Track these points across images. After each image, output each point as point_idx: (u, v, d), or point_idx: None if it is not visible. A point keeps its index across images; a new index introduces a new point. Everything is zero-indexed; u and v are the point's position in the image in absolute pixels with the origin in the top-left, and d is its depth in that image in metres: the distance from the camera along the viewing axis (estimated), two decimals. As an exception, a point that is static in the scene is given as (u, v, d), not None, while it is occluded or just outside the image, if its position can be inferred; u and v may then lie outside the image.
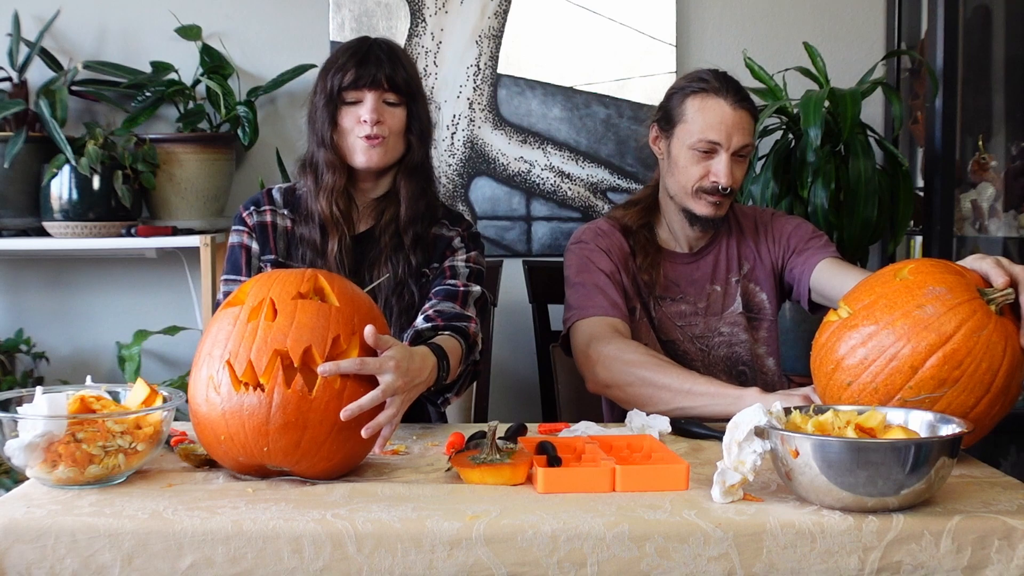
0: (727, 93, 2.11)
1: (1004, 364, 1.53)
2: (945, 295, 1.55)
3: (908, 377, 1.53)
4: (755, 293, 2.25)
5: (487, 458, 1.51)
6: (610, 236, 2.22)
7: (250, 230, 2.06)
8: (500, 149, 3.02)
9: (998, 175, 2.97)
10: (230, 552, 1.31)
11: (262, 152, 2.97)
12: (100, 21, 2.97)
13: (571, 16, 2.99)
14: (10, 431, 1.46)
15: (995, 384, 1.52)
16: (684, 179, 2.15)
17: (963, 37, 2.80)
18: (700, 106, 2.12)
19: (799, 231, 2.25)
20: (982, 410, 1.53)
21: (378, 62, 1.97)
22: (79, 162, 2.67)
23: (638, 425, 1.82)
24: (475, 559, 1.30)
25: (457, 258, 2.07)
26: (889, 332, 1.55)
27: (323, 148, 1.99)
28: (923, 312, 1.54)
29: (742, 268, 2.26)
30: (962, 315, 1.53)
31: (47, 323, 3.02)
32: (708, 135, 2.10)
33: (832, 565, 1.31)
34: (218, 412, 1.46)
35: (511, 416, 2.38)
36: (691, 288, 2.23)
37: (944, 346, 1.52)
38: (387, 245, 2.03)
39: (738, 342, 2.23)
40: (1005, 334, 1.54)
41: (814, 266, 2.15)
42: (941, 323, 1.53)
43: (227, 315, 1.54)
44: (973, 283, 1.58)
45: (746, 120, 2.12)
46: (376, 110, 1.96)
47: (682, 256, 2.26)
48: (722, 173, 2.11)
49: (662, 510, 1.37)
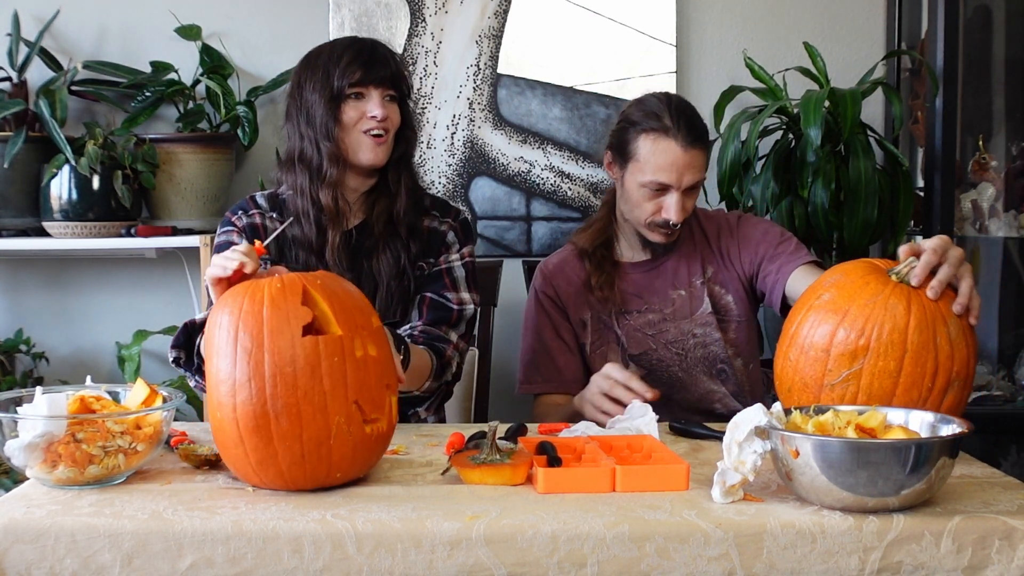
0: (678, 133, 2.12)
1: (911, 320, 1.54)
2: (840, 279, 1.62)
3: (824, 361, 1.57)
4: (721, 295, 2.27)
5: (487, 458, 1.51)
6: (559, 273, 2.30)
7: (240, 230, 2.06)
8: (500, 149, 3.02)
9: (998, 175, 2.97)
10: (230, 552, 1.31)
11: (262, 152, 2.97)
12: (100, 21, 2.97)
13: (571, 16, 2.99)
14: (10, 431, 1.46)
15: (910, 342, 1.54)
16: (638, 212, 2.20)
17: (963, 37, 2.80)
18: (652, 148, 2.13)
19: (768, 236, 2.25)
20: (911, 371, 1.54)
21: (384, 61, 2.01)
22: (79, 162, 2.67)
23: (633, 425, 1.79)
24: (475, 559, 1.30)
25: (452, 257, 2.10)
26: (802, 332, 1.62)
27: (327, 141, 1.99)
28: (821, 300, 1.61)
29: (706, 272, 2.28)
30: (855, 289, 1.59)
31: (47, 323, 3.02)
32: (659, 177, 2.13)
33: (832, 565, 1.31)
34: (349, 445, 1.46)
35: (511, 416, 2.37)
36: (654, 297, 2.27)
37: (844, 321, 1.56)
38: (382, 236, 2.05)
39: (712, 342, 2.25)
40: (905, 295, 1.57)
41: (788, 274, 2.15)
42: (837, 304, 1.59)
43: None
44: (881, 268, 1.63)
45: (698, 158, 2.15)
46: (383, 107, 2.00)
47: (642, 264, 2.30)
48: (673, 210, 2.15)
49: (662, 510, 1.37)
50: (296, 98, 2.02)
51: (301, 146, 2.01)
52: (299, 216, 2.03)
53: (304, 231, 2.02)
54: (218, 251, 2.03)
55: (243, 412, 1.42)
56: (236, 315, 1.46)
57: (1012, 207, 2.96)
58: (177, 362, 1.87)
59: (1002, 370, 3.00)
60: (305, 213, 2.02)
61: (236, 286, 1.54)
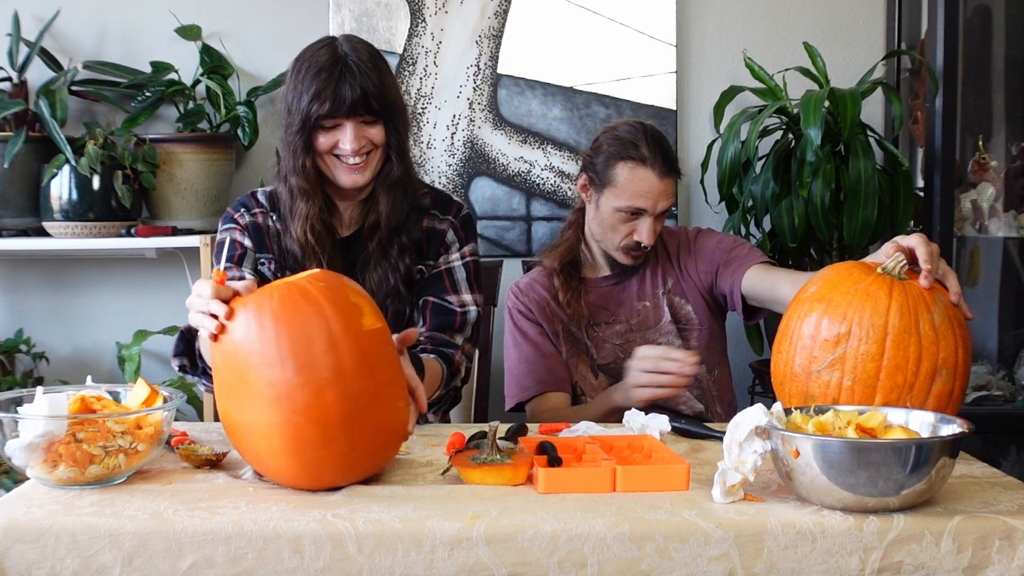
0: (655, 163, 2.25)
1: (892, 304, 1.57)
2: (826, 274, 1.68)
3: (811, 349, 1.61)
4: (681, 306, 2.37)
5: (487, 458, 1.51)
6: (529, 291, 2.38)
7: (243, 228, 2.03)
8: (500, 149, 3.02)
9: (998, 175, 2.97)
10: (231, 552, 1.31)
11: (262, 152, 2.97)
12: (100, 21, 2.97)
13: (571, 16, 2.99)
14: (10, 431, 1.46)
15: (891, 325, 1.56)
16: (611, 235, 2.32)
17: (963, 37, 2.80)
18: (630, 176, 2.25)
19: (721, 245, 2.37)
20: (894, 354, 1.56)
21: (352, 85, 1.87)
22: (79, 162, 2.67)
23: (638, 425, 1.82)
24: (476, 559, 1.30)
25: (452, 258, 2.06)
26: (792, 324, 1.66)
27: (295, 175, 1.93)
28: (807, 293, 1.66)
29: (667, 283, 2.37)
30: (838, 280, 1.64)
31: (47, 323, 3.02)
32: (636, 203, 2.26)
33: (833, 565, 1.31)
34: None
35: (511, 416, 2.37)
36: (621, 308, 2.37)
37: (827, 309, 1.61)
38: (375, 248, 2.01)
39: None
40: (887, 283, 1.60)
41: (743, 275, 2.25)
42: (822, 294, 1.63)
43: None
44: (868, 265, 1.67)
45: (671, 186, 2.29)
46: (356, 138, 1.91)
47: (608, 279, 2.39)
48: (645, 234, 2.28)
49: (662, 510, 1.37)
50: (282, 112, 1.95)
51: (284, 163, 1.97)
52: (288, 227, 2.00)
53: (291, 246, 1.99)
54: (219, 248, 2.00)
55: (321, 414, 1.40)
56: (284, 320, 1.43)
57: (1012, 207, 2.97)
58: (183, 370, 1.85)
59: (1002, 370, 3.00)
60: (289, 229, 1.99)
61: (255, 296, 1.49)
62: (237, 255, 2.01)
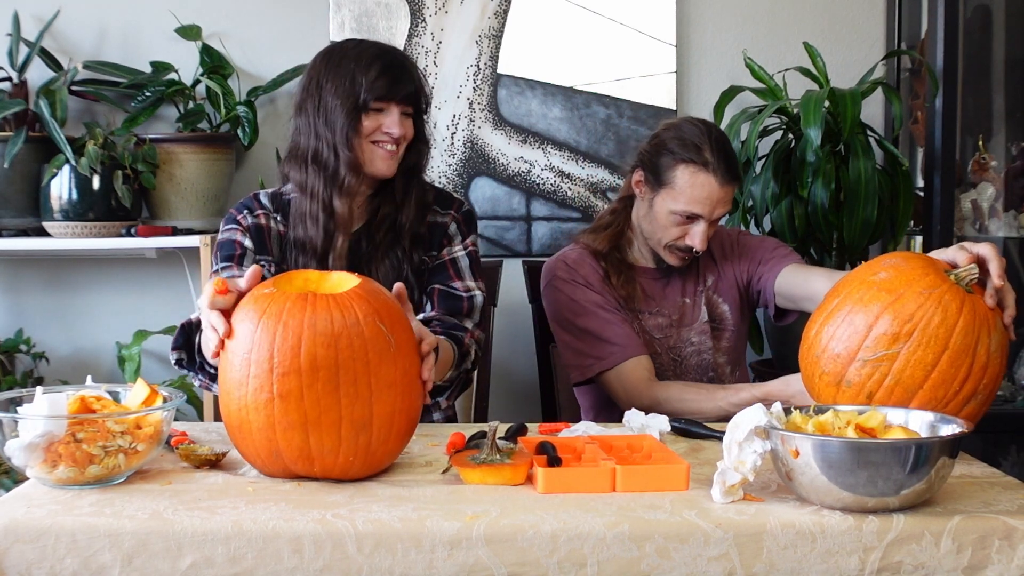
0: (718, 169, 2.16)
1: (960, 321, 1.54)
2: (899, 263, 1.62)
3: (864, 336, 1.56)
4: (718, 304, 2.33)
5: (487, 458, 1.51)
6: (581, 264, 2.28)
7: (245, 229, 2.04)
8: (500, 149, 3.02)
9: (998, 175, 2.97)
10: (230, 552, 1.30)
11: (262, 152, 2.97)
12: (100, 21, 2.97)
13: (571, 16, 2.99)
14: (10, 431, 1.46)
15: (953, 341, 1.54)
16: (661, 234, 2.24)
17: (963, 37, 2.80)
18: (691, 180, 2.17)
19: (764, 244, 2.34)
20: (946, 369, 1.54)
21: (409, 77, 1.99)
22: (79, 162, 2.67)
23: (637, 425, 1.82)
24: (475, 559, 1.30)
25: (455, 248, 2.10)
26: (849, 304, 1.60)
27: (347, 150, 1.97)
28: (877, 277, 1.61)
29: (706, 281, 2.33)
30: (913, 276, 1.58)
31: (47, 323, 3.02)
32: (693, 208, 2.18)
33: (832, 565, 1.31)
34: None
35: (511, 416, 2.37)
36: (664, 302, 2.31)
37: (895, 303, 1.56)
38: (383, 241, 2.04)
39: (706, 350, 2.31)
40: (960, 296, 1.57)
41: (778, 272, 2.22)
42: (893, 284, 1.58)
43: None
44: (940, 264, 1.63)
45: (730, 193, 2.21)
46: (401, 124, 1.99)
47: (653, 271, 2.33)
48: (698, 240, 2.20)
49: (662, 510, 1.37)
50: (314, 95, 1.99)
51: (316, 146, 1.99)
52: (306, 218, 2.00)
53: (309, 233, 2.00)
54: (220, 248, 2.03)
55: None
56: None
57: (1012, 207, 2.97)
58: (180, 363, 1.87)
59: (1002, 370, 3.00)
60: (313, 216, 1.99)
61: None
62: (237, 255, 2.01)
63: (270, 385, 1.44)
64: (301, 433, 1.45)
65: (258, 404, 1.44)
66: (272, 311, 1.46)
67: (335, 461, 1.47)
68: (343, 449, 1.46)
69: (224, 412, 1.51)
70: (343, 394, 1.44)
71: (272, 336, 1.44)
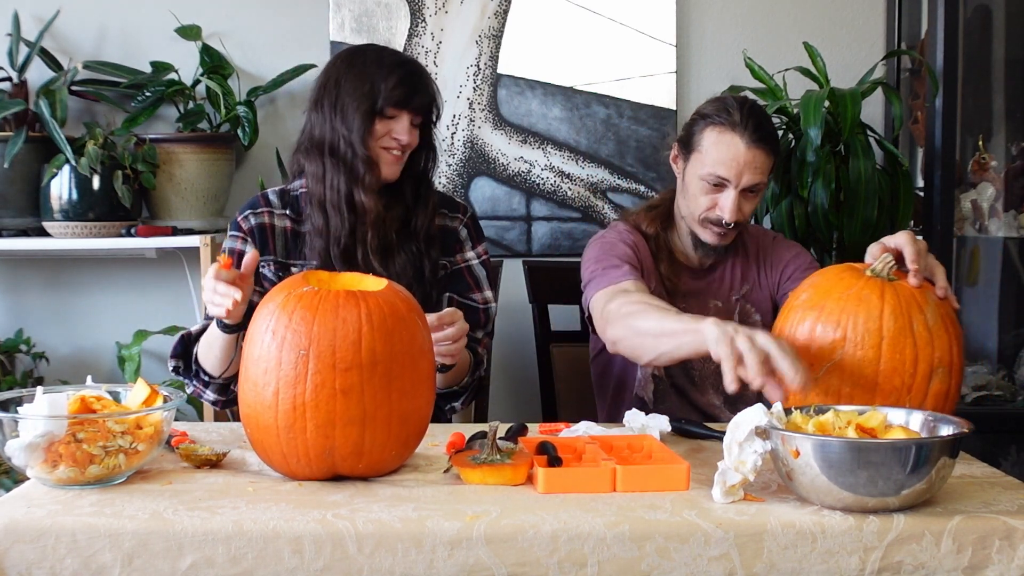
0: (745, 130, 2.08)
1: (885, 308, 1.58)
2: (816, 280, 1.70)
3: (807, 358, 1.60)
4: (751, 314, 2.28)
5: (487, 458, 1.52)
6: (634, 235, 2.23)
7: (245, 235, 2.07)
8: (500, 149, 3.02)
9: (998, 175, 2.97)
10: (231, 552, 1.31)
11: (262, 152, 2.97)
12: (100, 21, 2.97)
13: (571, 16, 2.99)
14: (10, 431, 1.46)
15: (885, 329, 1.57)
16: (693, 206, 2.17)
17: (963, 37, 2.80)
18: (716, 140, 2.10)
19: (796, 260, 2.27)
20: (890, 357, 1.57)
21: (425, 89, 2.05)
22: (79, 162, 2.67)
23: (638, 425, 1.82)
24: (475, 559, 1.30)
25: (469, 255, 2.16)
26: (783, 332, 1.67)
27: (362, 148, 2.01)
28: (799, 300, 1.67)
29: (743, 288, 2.28)
30: (829, 286, 1.65)
31: (47, 323, 3.01)
32: (718, 170, 2.10)
33: (833, 565, 1.31)
34: None
35: (511, 416, 2.37)
36: (695, 300, 2.25)
37: (820, 316, 1.62)
38: (396, 238, 2.08)
39: None
40: (879, 286, 1.61)
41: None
42: (813, 301, 1.65)
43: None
44: (856, 267, 1.68)
45: (760, 158, 2.10)
46: (410, 132, 2.04)
47: (689, 270, 2.28)
48: (727, 208, 2.11)
49: (662, 510, 1.37)
50: (332, 92, 2.03)
51: (332, 139, 2.02)
52: (326, 206, 2.03)
53: (332, 223, 2.03)
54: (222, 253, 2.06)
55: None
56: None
57: (1012, 207, 2.97)
58: (177, 371, 1.98)
59: (1002, 370, 3.00)
60: (335, 205, 2.02)
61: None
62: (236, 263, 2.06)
63: (332, 380, 1.45)
64: (359, 428, 1.47)
65: (318, 401, 1.45)
66: (325, 308, 1.48)
67: (382, 455, 1.50)
68: (391, 443, 1.50)
69: (267, 415, 1.47)
70: (394, 388, 1.48)
71: (332, 332, 1.46)
